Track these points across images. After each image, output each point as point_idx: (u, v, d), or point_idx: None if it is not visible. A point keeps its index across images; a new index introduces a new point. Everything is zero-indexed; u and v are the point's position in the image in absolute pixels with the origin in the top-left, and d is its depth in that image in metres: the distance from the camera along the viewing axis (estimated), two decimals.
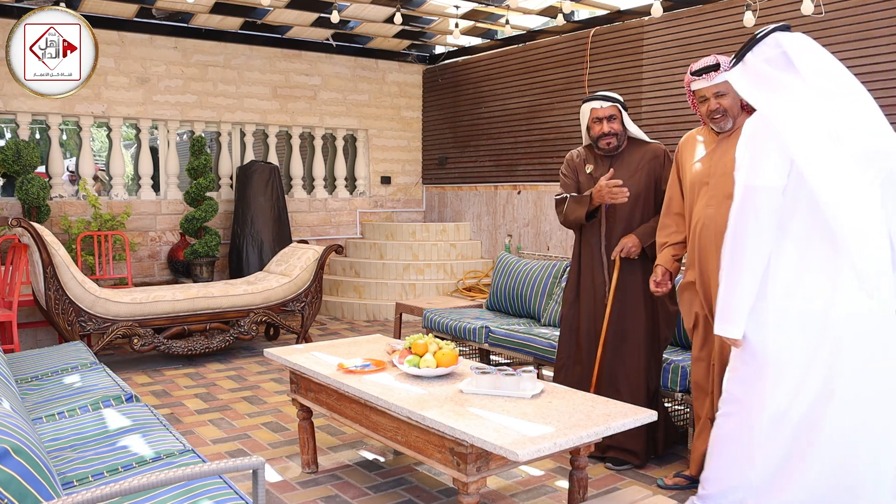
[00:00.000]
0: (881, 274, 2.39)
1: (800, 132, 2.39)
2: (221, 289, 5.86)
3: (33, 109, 7.07)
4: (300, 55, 8.62)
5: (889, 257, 2.42)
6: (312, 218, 8.84)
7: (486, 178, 8.73)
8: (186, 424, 4.25)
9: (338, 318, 7.90)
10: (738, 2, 6.08)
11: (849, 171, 2.37)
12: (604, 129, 3.59)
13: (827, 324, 2.42)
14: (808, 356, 2.46)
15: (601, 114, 3.60)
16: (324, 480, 3.43)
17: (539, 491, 3.30)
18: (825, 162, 2.37)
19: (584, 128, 3.70)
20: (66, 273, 5.12)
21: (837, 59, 2.53)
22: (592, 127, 3.64)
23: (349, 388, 2.98)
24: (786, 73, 2.48)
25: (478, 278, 8.12)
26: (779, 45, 2.52)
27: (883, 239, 2.40)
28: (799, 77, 2.46)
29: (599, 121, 3.60)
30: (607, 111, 3.59)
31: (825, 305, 2.42)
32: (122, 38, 7.51)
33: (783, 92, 2.46)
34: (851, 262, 2.37)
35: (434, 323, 5.25)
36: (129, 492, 1.46)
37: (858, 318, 2.40)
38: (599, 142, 3.63)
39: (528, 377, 2.82)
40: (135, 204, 7.63)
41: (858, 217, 2.36)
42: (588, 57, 7.38)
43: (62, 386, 3.34)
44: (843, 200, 2.35)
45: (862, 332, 2.41)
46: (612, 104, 3.60)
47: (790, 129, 2.40)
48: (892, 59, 5.31)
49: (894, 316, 2.42)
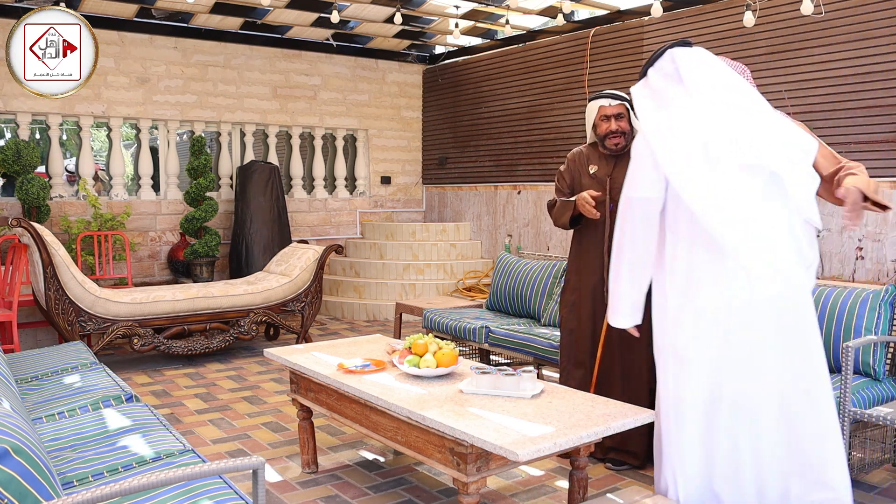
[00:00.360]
0: (776, 266, 2.47)
1: (672, 150, 2.53)
2: (221, 289, 5.86)
3: (33, 109, 7.07)
4: (300, 55, 8.63)
5: (792, 246, 2.49)
6: (312, 218, 8.85)
7: (486, 178, 8.73)
8: (186, 424, 4.25)
9: (338, 318, 7.90)
10: (738, 2, 6.08)
11: (726, 180, 2.48)
12: (611, 126, 3.56)
13: (717, 318, 2.50)
14: (704, 348, 2.53)
15: (609, 111, 3.57)
16: (324, 480, 3.43)
17: (539, 491, 3.31)
18: (696, 176, 2.49)
19: (590, 126, 3.67)
20: (66, 273, 5.12)
21: (731, 73, 2.62)
22: (599, 125, 3.61)
23: (349, 388, 2.98)
24: (676, 87, 2.61)
25: (478, 278, 8.12)
26: (673, 60, 2.64)
27: (776, 232, 2.47)
28: (686, 93, 2.58)
29: (607, 118, 3.58)
30: (615, 109, 3.57)
31: (715, 301, 2.51)
32: (122, 38, 7.51)
33: (670, 108, 2.59)
34: (737, 261, 2.46)
35: (434, 323, 5.25)
36: (129, 492, 1.46)
37: (749, 310, 2.47)
38: (606, 141, 3.61)
39: (528, 377, 2.82)
40: (135, 204, 7.63)
41: (738, 221, 2.46)
42: (588, 57, 7.38)
43: (62, 386, 3.34)
44: (717, 209, 2.46)
45: (753, 322, 2.47)
46: (621, 102, 3.58)
47: (663, 147, 2.54)
48: (892, 59, 5.31)
49: (806, 297, 2.51)
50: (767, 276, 2.46)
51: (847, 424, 2.89)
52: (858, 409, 2.93)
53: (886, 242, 5.41)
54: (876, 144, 5.43)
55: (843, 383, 2.89)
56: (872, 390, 3.21)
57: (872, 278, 5.45)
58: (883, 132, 5.39)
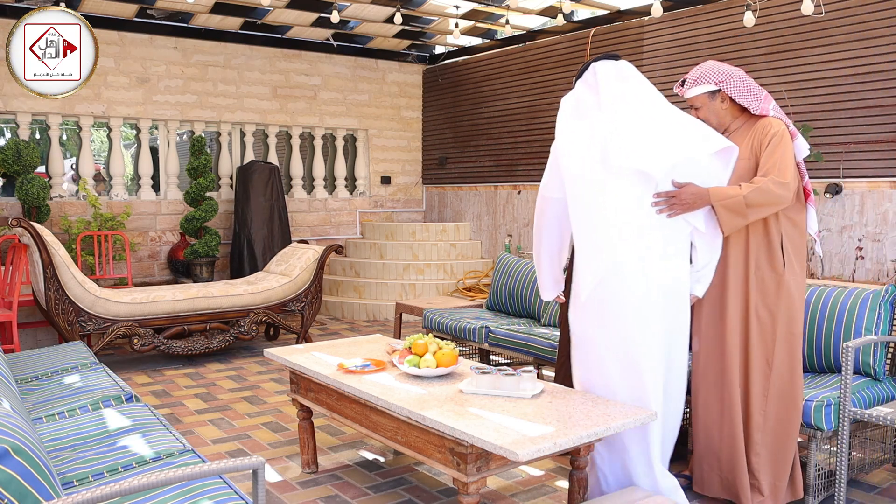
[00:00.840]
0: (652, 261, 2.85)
1: (571, 157, 2.90)
2: (221, 289, 5.86)
3: (33, 109, 7.07)
4: (300, 55, 8.63)
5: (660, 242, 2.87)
6: (312, 218, 8.85)
7: (486, 178, 8.73)
8: (186, 424, 4.25)
9: (338, 318, 7.90)
10: (738, 2, 6.08)
11: (615, 183, 2.84)
12: None
13: (602, 310, 2.90)
14: (594, 330, 2.94)
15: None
16: (324, 480, 3.43)
17: (539, 491, 3.31)
18: (588, 182, 2.88)
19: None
20: (66, 273, 5.12)
21: (647, 87, 2.93)
22: None
23: (349, 388, 2.98)
24: (594, 99, 2.93)
25: (478, 278, 8.12)
26: (595, 73, 2.95)
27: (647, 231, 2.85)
28: (598, 103, 2.90)
29: None
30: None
31: (598, 291, 2.89)
32: (122, 38, 7.51)
33: (585, 118, 2.92)
34: (613, 257, 2.85)
35: (434, 323, 5.25)
36: (129, 492, 1.46)
37: (624, 299, 2.85)
38: None
39: (528, 377, 2.82)
40: (135, 204, 7.64)
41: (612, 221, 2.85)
42: (588, 57, 7.38)
43: (62, 386, 3.34)
44: (597, 210, 2.87)
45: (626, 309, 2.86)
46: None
47: (566, 155, 2.93)
48: (892, 59, 5.31)
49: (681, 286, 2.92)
50: (636, 270, 2.83)
51: (847, 424, 2.89)
52: (858, 409, 2.92)
53: (886, 242, 5.41)
54: (876, 144, 5.43)
55: (843, 383, 2.89)
56: (872, 390, 3.21)
57: (872, 278, 5.45)
58: (883, 132, 5.39)
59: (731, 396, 3.03)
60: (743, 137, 3.07)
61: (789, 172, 2.89)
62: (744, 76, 3.08)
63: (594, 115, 2.90)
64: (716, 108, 3.10)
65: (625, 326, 2.87)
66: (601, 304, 2.90)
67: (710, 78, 3.07)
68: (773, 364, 2.98)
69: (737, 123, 3.12)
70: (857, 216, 5.56)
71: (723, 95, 3.08)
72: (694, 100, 3.13)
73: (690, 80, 3.13)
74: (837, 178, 5.63)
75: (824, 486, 3.09)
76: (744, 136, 3.07)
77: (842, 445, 2.89)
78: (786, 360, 2.98)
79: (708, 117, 3.12)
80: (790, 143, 2.96)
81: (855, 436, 3.18)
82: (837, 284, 3.67)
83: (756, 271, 3.00)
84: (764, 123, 3.02)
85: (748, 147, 3.03)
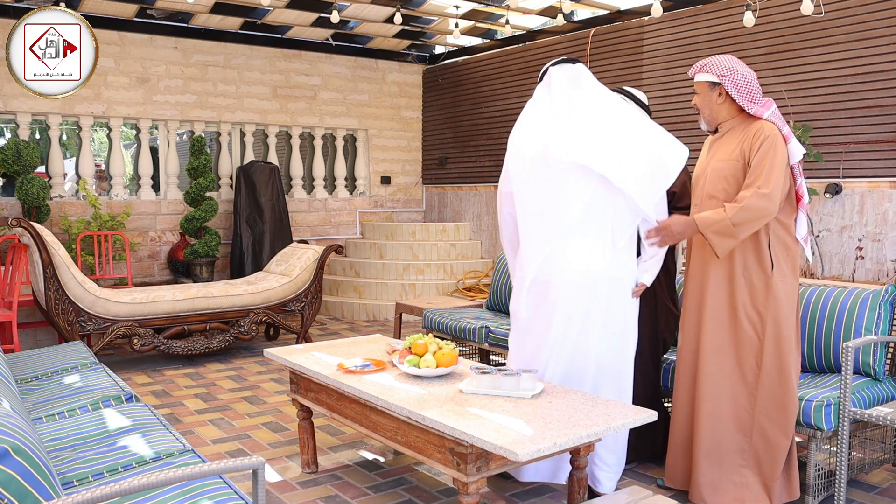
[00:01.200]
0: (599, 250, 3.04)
1: (520, 153, 3.11)
2: (221, 289, 5.86)
3: (33, 109, 7.07)
4: (300, 55, 8.63)
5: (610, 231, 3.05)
6: (312, 218, 8.85)
7: (486, 178, 8.73)
8: (186, 424, 4.25)
9: (338, 318, 7.90)
10: (738, 2, 6.08)
11: (556, 178, 3.02)
12: None
13: (549, 294, 3.07)
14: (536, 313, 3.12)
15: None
16: (324, 480, 3.43)
17: (539, 491, 3.30)
18: (532, 176, 3.07)
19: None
20: (66, 273, 5.12)
21: (600, 90, 3.16)
22: None
23: (349, 388, 2.98)
24: (547, 100, 3.15)
25: (478, 278, 8.12)
26: (549, 76, 3.19)
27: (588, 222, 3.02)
28: (550, 104, 3.12)
29: None
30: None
31: (542, 276, 3.08)
32: (122, 38, 7.51)
33: (538, 118, 3.13)
34: (562, 245, 3.04)
35: (434, 323, 5.25)
36: (129, 492, 1.46)
37: (572, 284, 3.03)
38: None
39: (528, 377, 2.82)
40: (135, 204, 7.64)
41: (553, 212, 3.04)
42: (588, 57, 7.38)
43: (62, 386, 3.34)
44: (543, 202, 3.06)
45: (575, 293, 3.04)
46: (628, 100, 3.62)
47: (510, 153, 3.16)
48: (892, 59, 5.31)
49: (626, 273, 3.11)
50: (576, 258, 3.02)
51: (847, 424, 2.89)
52: (858, 409, 2.92)
53: (886, 242, 5.41)
54: (876, 144, 5.44)
55: (843, 383, 2.89)
56: (872, 390, 3.20)
57: (872, 278, 5.45)
58: (883, 132, 5.39)
59: (702, 394, 3.09)
60: (734, 138, 3.08)
61: (774, 181, 2.89)
62: (751, 78, 3.06)
63: (545, 115, 3.11)
64: (711, 100, 3.12)
65: (555, 314, 3.06)
66: (539, 295, 3.10)
67: (716, 69, 3.08)
68: (761, 364, 3.00)
69: (731, 123, 3.12)
70: (856, 216, 5.56)
71: (721, 90, 3.08)
72: (697, 85, 3.17)
73: (700, 64, 3.15)
74: (837, 178, 5.63)
75: (824, 486, 3.09)
76: (735, 137, 3.08)
77: (842, 445, 2.89)
78: (774, 360, 3.00)
79: (702, 106, 3.16)
80: (782, 147, 2.95)
81: (855, 436, 3.18)
82: (837, 284, 3.67)
83: (744, 272, 3.03)
84: (756, 126, 3.02)
85: (738, 149, 3.04)
